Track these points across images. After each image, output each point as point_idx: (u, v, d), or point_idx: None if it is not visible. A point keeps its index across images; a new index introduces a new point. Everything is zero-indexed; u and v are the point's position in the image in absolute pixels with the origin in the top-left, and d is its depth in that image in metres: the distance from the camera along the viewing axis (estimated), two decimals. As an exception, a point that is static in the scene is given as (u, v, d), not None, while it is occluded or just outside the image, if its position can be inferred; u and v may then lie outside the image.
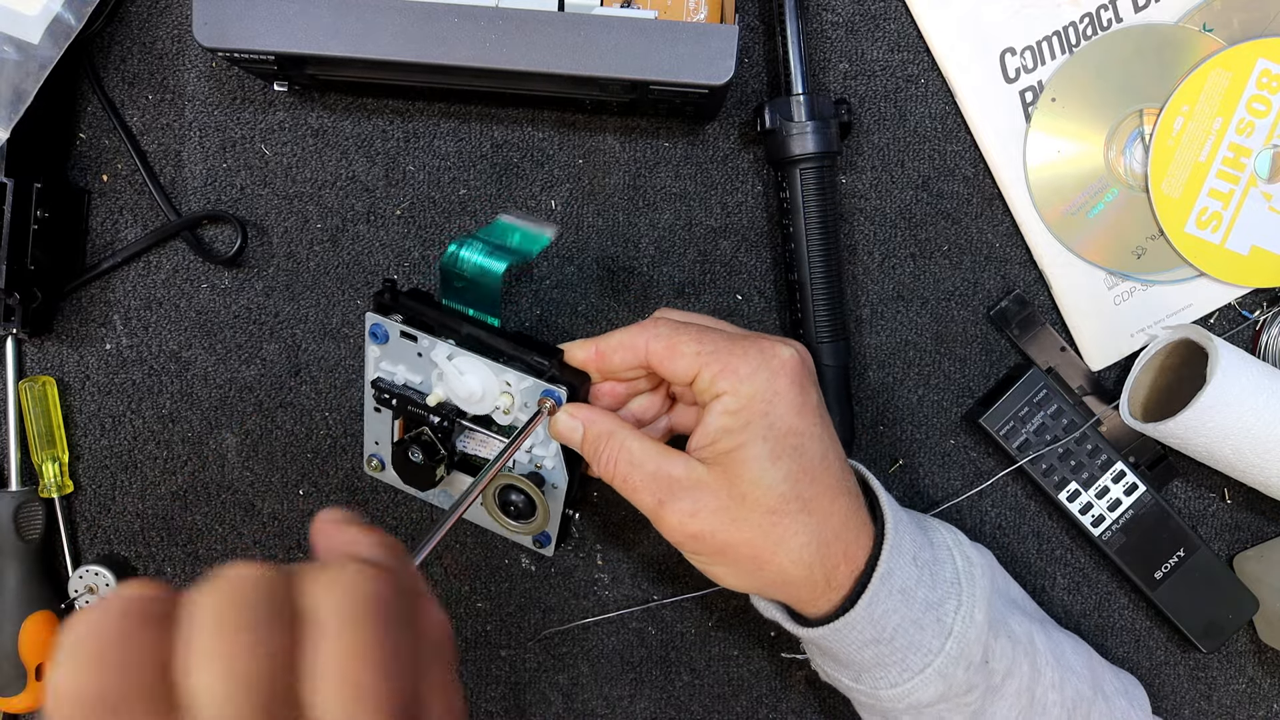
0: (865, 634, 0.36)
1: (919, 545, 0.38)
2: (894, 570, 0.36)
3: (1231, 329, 0.49)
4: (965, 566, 0.38)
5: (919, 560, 0.37)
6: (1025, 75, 0.47)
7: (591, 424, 0.37)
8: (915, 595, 0.37)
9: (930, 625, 0.37)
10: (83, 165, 0.48)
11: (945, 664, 0.36)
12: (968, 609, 0.37)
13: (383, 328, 0.41)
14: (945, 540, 0.40)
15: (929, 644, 0.37)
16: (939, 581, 0.37)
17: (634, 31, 0.39)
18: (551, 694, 0.50)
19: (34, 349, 0.48)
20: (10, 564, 0.47)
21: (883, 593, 0.36)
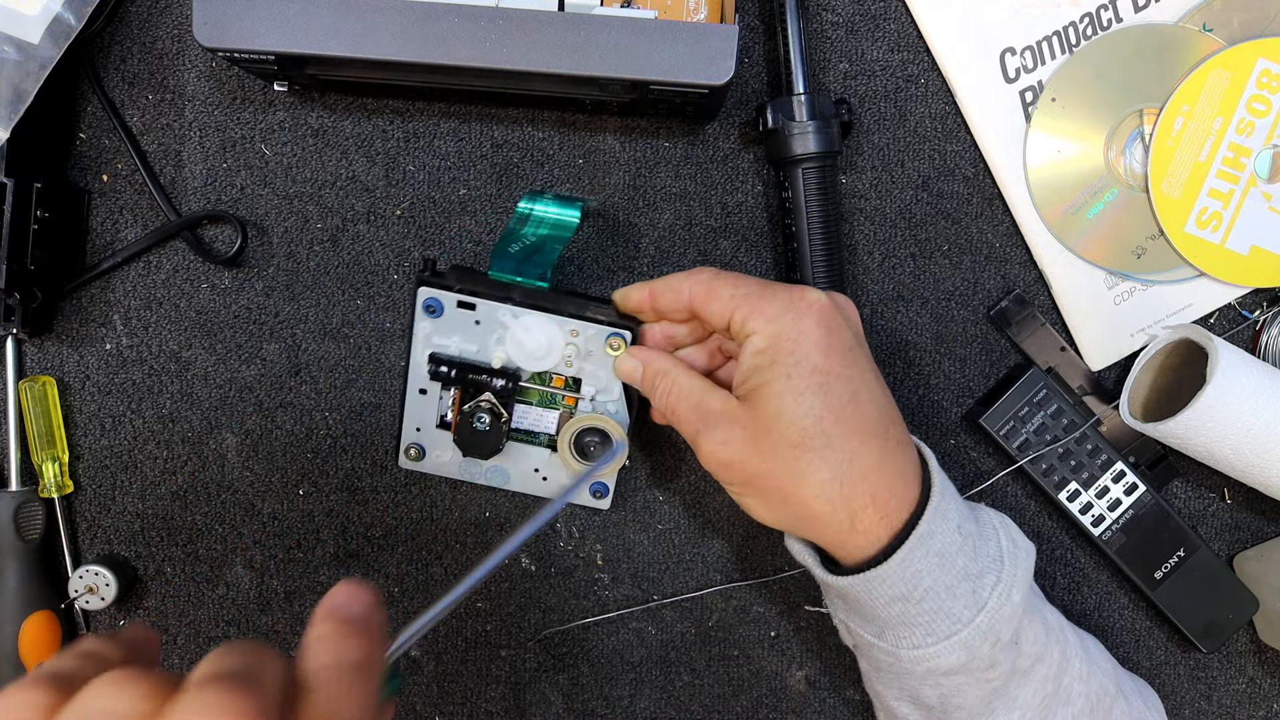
0: (895, 589, 0.36)
1: (964, 517, 0.38)
2: (935, 532, 0.36)
3: (1231, 329, 0.49)
4: (1010, 547, 0.38)
5: (963, 530, 0.37)
6: (1025, 75, 0.47)
7: (649, 362, 0.41)
8: (954, 562, 0.36)
9: (964, 595, 0.36)
10: (83, 165, 0.48)
11: (972, 635, 0.36)
12: (1006, 586, 0.37)
13: (439, 300, 0.43)
14: (992, 520, 0.40)
15: (960, 613, 0.36)
16: (980, 555, 0.37)
17: (634, 31, 0.39)
18: (551, 694, 0.50)
19: (34, 349, 0.48)
20: (10, 564, 0.47)
21: (919, 551, 0.36)
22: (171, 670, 0.50)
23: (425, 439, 0.46)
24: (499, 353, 0.44)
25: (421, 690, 0.50)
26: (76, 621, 0.49)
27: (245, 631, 0.49)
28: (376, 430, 0.49)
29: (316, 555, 0.49)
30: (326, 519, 0.49)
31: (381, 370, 0.48)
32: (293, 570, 0.49)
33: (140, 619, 0.49)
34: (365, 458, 0.49)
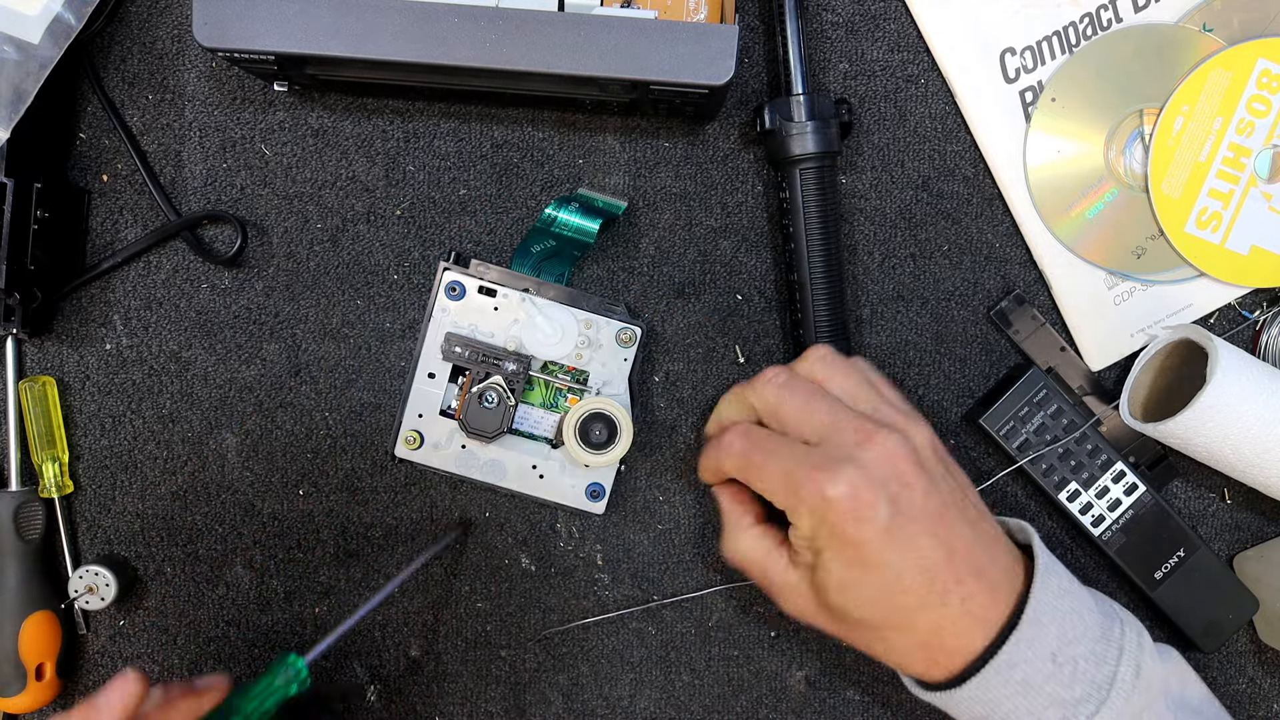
0: (974, 711, 0.36)
1: (1070, 640, 0.36)
2: (1018, 663, 0.35)
3: (1231, 329, 0.49)
4: (1129, 677, 0.36)
5: (1061, 658, 0.36)
6: (1025, 75, 0.47)
7: (727, 514, 0.42)
8: (1041, 690, 0.35)
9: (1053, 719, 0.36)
10: (83, 165, 0.48)
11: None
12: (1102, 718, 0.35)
13: (461, 284, 0.45)
14: (1121, 640, 0.37)
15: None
16: (1081, 681, 0.36)
17: (634, 31, 0.39)
18: (551, 694, 0.50)
19: (34, 349, 0.48)
20: (10, 564, 0.47)
21: (997, 680, 0.35)
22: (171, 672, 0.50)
23: (426, 426, 0.46)
24: (513, 339, 0.46)
25: (421, 690, 0.50)
26: (76, 621, 0.49)
27: (245, 631, 0.49)
28: (376, 430, 0.49)
29: (316, 555, 0.49)
30: (326, 519, 0.49)
31: (381, 370, 0.48)
32: (293, 570, 0.49)
33: (140, 619, 0.49)
34: (365, 458, 0.49)
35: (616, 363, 0.46)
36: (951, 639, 0.36)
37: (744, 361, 0.49)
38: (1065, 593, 0.37)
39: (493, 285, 0.45)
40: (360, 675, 0.50)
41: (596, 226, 0.44)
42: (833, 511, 0.35)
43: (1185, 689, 0.40)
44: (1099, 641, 0.37)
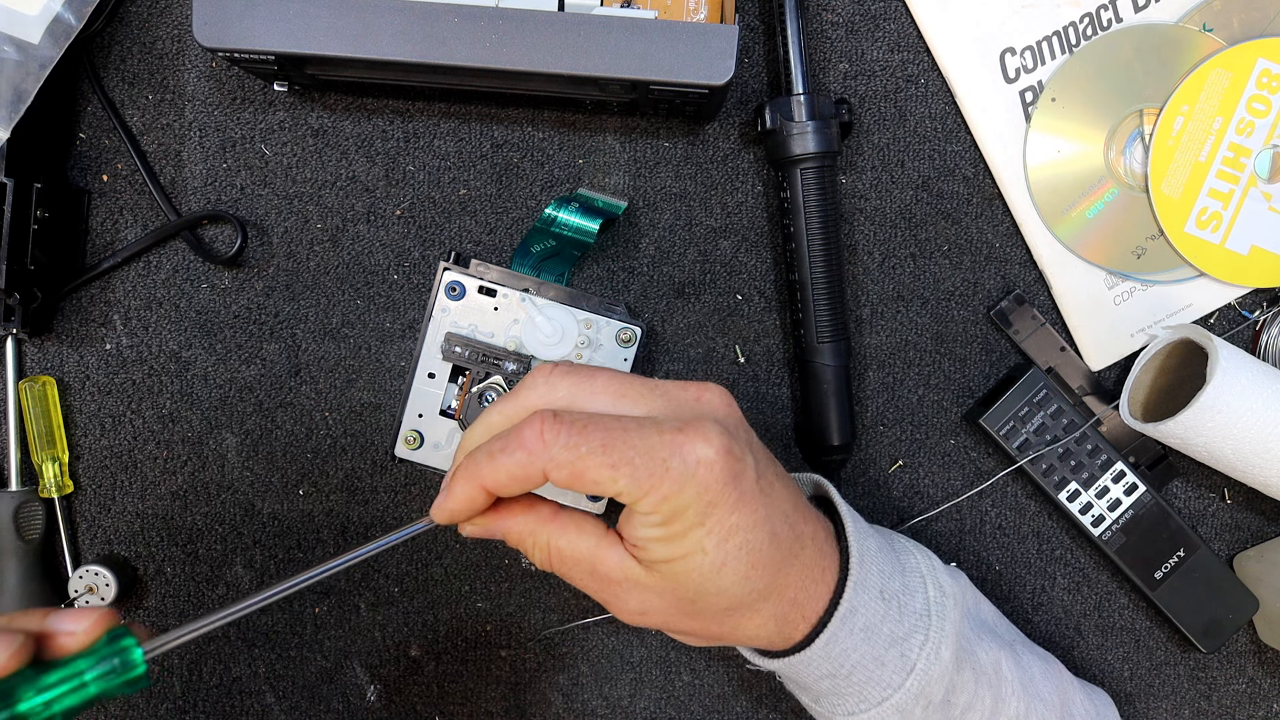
0: (822, 669, 0.35)
1: (887, 575, 0.36)
2: (857, 608, 0.35)
3: (1231, 329, 0.49)
4: (937, 597, 0.37)
5: (886, 593, 0.36)
6: (1025, 75, 0.47)
7: (508, 532, 0.33)
8: (879, 631, 0.35)
9: (893, 661, 0.35)
10: (83, 165, 0.48)
11: (904, 700, 0.36)
12: (934, 645, 0.36)
13: (461, 283, 0.45)
14: (918, 566, 0.38)
15: (889, 679, 0.35)
16: (906, 614, 0.36)
17: (634, 31, 0.39)
18: (551, 694, 0.50)
19: (34, 349, 0.48)
20: (10, 564, 0.47)
21: (843, 632, 0.34)
22: (171, 672, 0.50)
23: (426, 426, 0.46)
24: (513, 339, 0.45)
25: (421, 690, 0.50)
26: (76, 621, 0.49)
27: (245, 631, 0.49)
28: (376, 430, 0.49)
29: (316, 555, 0.49)
30: (326, 519, 0.49)
31: (381, 370, 0.48)
32: (293, 570, 0.49)
33: (140, 619, 0.49)
34: (365, 458, 0.49)
35: (616, 363, 0.46)
36: (804, 595, 0.34)
37: (744, 361, 0.49)
38: (866, 532, 0.37)
39: (493, 285, 0.45)
40: (360, 675, 0.50)
41: (596, 226, 0.44)
42: (707, 477, 0.29)
43: (979, 608, 0.42)
44: (903, 573, 0.37)
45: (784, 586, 0.33)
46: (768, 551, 0.32)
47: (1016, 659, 0.40)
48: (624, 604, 0.33)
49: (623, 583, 0.32)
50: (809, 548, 0.34)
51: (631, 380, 0.32)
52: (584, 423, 0.30)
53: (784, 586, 0.33)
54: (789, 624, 0.34)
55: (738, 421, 0.33)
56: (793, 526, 0.33)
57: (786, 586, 0.34)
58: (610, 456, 0.29)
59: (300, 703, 0.50)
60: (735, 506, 0.30)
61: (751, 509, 0.31)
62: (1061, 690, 0.42)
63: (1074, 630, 0.50)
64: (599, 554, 0.32)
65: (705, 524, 0.30)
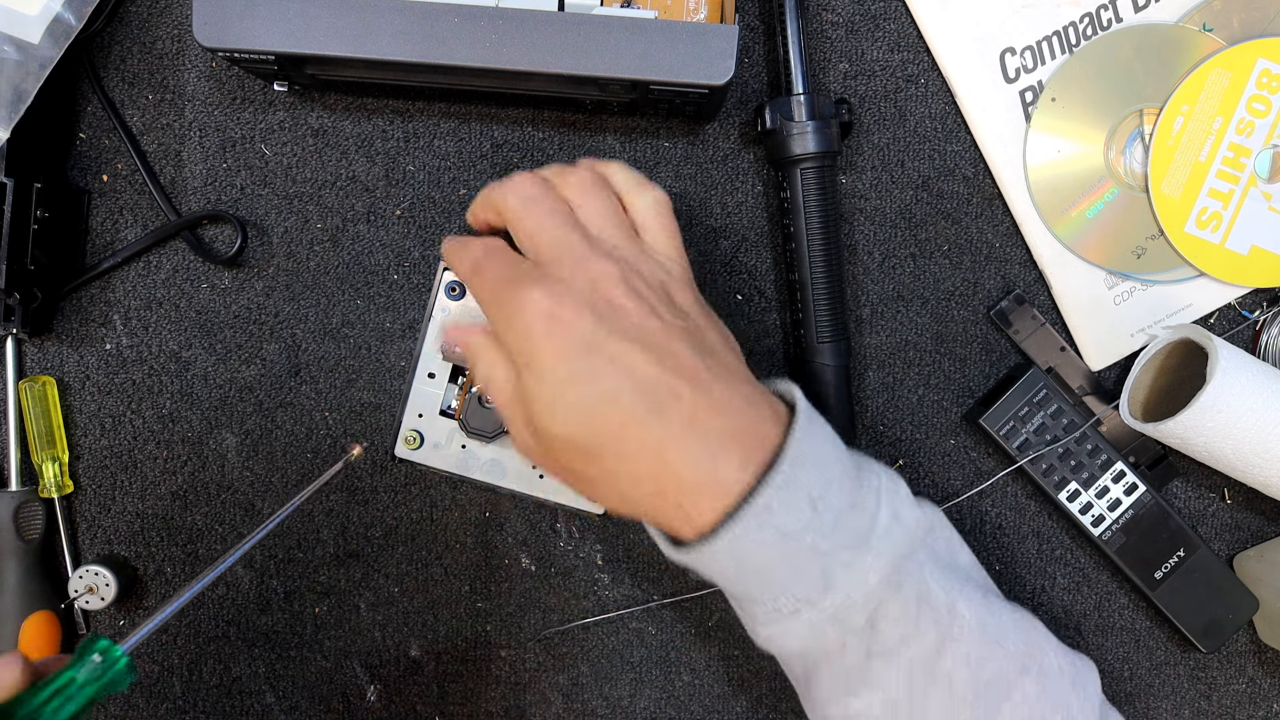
0: (728, 566, 0.33)
1: (830, 485, 0.34)
2: (775, 507, 0.32)
3: (1231, 329, 0.49)
4: (887, 522, 0.34)
5: (820, 503, 0.33)
6: (1025, 75, 0.47)
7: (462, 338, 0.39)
8: (800, 539, 0.33)
9: (811, 574, 0.33)
10: (83, 165, 0.48)
11: (818, 618, 0.34)
12: (862, 568, 0.33)
13: (461, 285, 0.44)
14: (877, 488, 0.35)
15: (805, 592, 0.33)
16: (841, 530, 0.33)
17: (634, 31, 0.39)
18: (551, 694, 0.50)
19: (34, 349, 0.48)
20: (10, 564, 0.47)
21: (753, 528, 0.32)
22: (171, 672, 0.50)
23: (426, 426, 0.45)
24: None
25: (421, 690, 0.50)
26: (76, 621, 0.49)
27: (245, 631, 0.49)
28: (376, 430, 0.49)
29: (316, 555, 0.49)
30: (326, 519, 0.49)
31: (381, 370, 0.48)
32: (293, 570, 0.49)
33: (140, 619, 0.49)
34: (365, 458, 0.49)
35: None
36: (689, 471, 0.33)
37: (744, 361, 0.49)
38: (826, 439, 0.35)
39: None
40: (360, 675, 0.50)
41: None
42: (529, 320, 0.33)
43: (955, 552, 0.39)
44: (857, 490, 0.35)
45: (631, 453, 0.33)
46: (596, 408, 0.32)
47: (985, 605, 0.37)
48: (514, 436, 0.36)
49: (509, 416, 0.36)
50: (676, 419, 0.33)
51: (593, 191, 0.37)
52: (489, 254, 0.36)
53: (631, 453, 0.33)
54: (681, 511, 0.33)
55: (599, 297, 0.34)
56: (646, 392, 0.32)
57: (636, 455, 0.33)
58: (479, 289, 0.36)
59: (300, 703, 0.50)
60: (557, 357, 0.33)
61: (576, 360, 0.32)
62: (1031, 643, 0.38)
63: (1074, 630, 0.50)
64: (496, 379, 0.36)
65: (531, 366, 0.33)
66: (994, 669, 0.36)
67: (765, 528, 0.32)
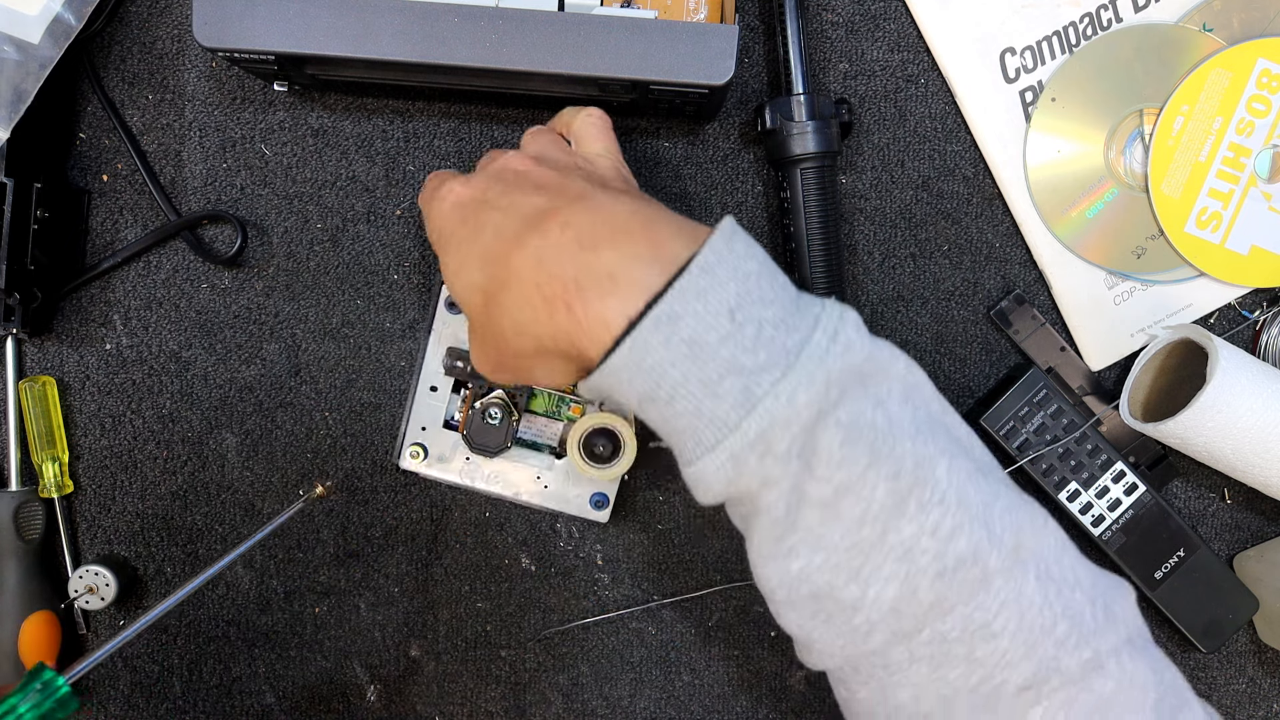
0: (635, 386, 0.30)
1: (754, 301, 0.30)
2: (683, 315, 0.29)
3: (1231, 329, 0.49)
4: (823, 343, 0.30)
5: (741, 316, 0.29)
6: (1025, 75, 0.47)
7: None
8: (715, 352, 0.29)
9: (730, 393, 0.29)
10: (83, 165, 0.48)
11: (740, 445, 0.29)
12: (790, 386, 0.29)
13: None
14: (819, 315, 0.31)
15: (725, 415, 0.29)
16: (765, 346, 0.29)
17: (634, 31, 0.39)
18: (551, 694, 0.50)
19: (34, 349, 0.48)
20: (10, 564, 0.47)
21: (656, 338, 0.29)
22: (171, 672, 0.49)
23: (430, 439, 0.46)
24: None
25: (421, 690, 0.50)
26: (76, 621, 0.49)
27: (245, 631, 0.49)
28: (376, 430, 0.49)
29: (316, 555, 0.49)
30: (326, 519, 0.49)
31: (381, 370, 0.48)
32: (293, 570, 0.49)
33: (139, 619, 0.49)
34: (365, 458, 0.49)
35: None
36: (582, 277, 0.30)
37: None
38: (751, 256, 0.31)
39: None
40: (360, 675, 0.50)
41: None
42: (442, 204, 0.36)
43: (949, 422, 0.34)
44: (792, 311, 0.31)
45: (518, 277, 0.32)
46: (487, 247, 0.33)
47: (978, 478, 0.31)
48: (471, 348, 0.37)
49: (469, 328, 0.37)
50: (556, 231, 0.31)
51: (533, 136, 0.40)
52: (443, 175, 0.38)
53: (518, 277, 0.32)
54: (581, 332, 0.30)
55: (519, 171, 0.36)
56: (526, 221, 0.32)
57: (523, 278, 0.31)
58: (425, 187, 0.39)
59: (300, 703, 0.50)
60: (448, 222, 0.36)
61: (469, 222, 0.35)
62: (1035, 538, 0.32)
63: (1074, 630, 0.50)
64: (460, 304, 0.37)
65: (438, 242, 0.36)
66: (965, 548, 0.30)
67: (673, 339, 0.29)
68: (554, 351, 0.32)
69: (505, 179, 0.35)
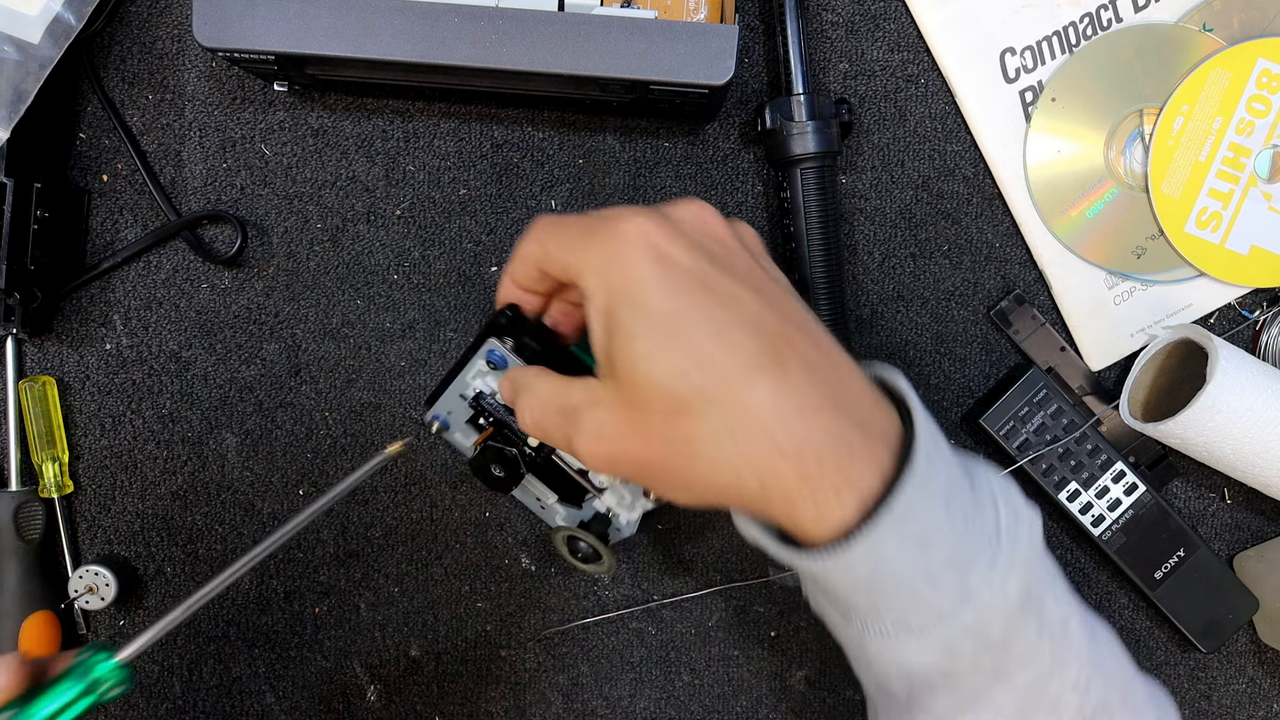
0: (862, 577, 0.29)
1: (955, 484, 0.30)
2: (916, 509, 0.28)
3: (1231, 329, 0.49)
4: (1010, 522, 0.31)
5: (952, 504, 0.29)
6: (1025, 75, 0.47)
7: (513, 382, 0.36)
8: (937, 546, 0.29)
9: (949, 584, 0.29)
10: (83, 165, 0.48)
11: (954, 633, 0.29)
12: (1001, 576, 0.29)
13: (503, 357, 0.38)
14: (991, 485, 0.32)
15: (940, 604, 0.29)
16: (972, 534, 0.30)
17: (634, 31, 0.39)
18: (551, 694, 0.50)
19: (34, 349, 0.48)
20: (10, 564, 0.47)
21: (894, 534, 0.28)
22: (171, 672, 0.49)
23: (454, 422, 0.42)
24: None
25: (421, 690, 0.50)
26: (76, 621, 0.49)
27: (245, 631, 0.49)
28: (376, 430, 0.49)
29: (316, 555, 0.49)
30: (326, 519, 0.49)
31: (381, 370, 0.48)
32: (293, 570, 0.49)
33: (140, 619, 0.49)
34: (365, 458, 0.49)
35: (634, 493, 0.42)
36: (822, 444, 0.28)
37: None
38: (938, 429, 0.31)
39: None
40: (360, 675, 0.50)
41: None
42: (634, 251, 0.29)
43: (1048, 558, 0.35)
44: (973, 488, 0.31)
45: (741, 403, 0.28)
46: (705, 346, 0.29)
47: (1086, 622, 0.34)
48: (583, 430, 0.31)
49: (581, 405, 0.31)
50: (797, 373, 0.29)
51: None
52: (564, 216, 0.34)
53: (741, 403, 0.28)
54: (765, 463, 0.28)
55: (706, 235, 0.31)
56: (761, 333, 0.29)
57: (746, 403, 0.28)
58: (564, 228, 0.32)
59: (300, 703, 0.50)
60: (666, 291, 0.29)
61: (686, 296, 0.29)
62: (1125, 669, 0.35)
63: (1074, 630, 0.50)
64: (566, 388, 0.33)
65: (633, 304, 0.29)
66: (1098, 696, 0.33)
67: (905, 536, 0.28)
68: (739, 496, 0.30)
69: (713, 253, 0.31)
